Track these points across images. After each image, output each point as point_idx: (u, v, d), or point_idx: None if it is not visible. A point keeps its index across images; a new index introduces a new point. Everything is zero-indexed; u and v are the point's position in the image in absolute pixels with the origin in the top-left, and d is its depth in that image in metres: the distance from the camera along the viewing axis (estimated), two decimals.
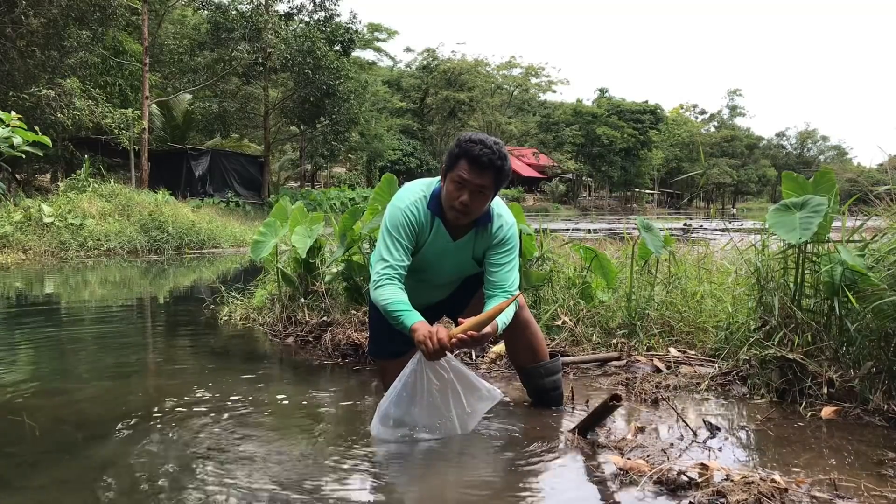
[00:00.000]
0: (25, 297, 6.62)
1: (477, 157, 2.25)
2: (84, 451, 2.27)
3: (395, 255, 2.35)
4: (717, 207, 58.60)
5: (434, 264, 2.52)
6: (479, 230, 2.44)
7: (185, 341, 4.48)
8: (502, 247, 2.43)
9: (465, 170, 2.27)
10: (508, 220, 2.48)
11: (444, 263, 2.52)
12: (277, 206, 4.42)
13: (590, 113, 50.98)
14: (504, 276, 2.41)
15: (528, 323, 2.58)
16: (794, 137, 76.80)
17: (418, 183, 2.51)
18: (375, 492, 1.93)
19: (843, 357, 2.69)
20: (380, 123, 35.36)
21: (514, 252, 2.48)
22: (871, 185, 3.13)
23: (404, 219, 2.37)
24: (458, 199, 2.30)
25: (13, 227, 10.57)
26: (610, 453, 2.15)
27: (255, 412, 2.68)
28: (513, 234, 2.48)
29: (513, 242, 2.47)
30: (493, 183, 2.30)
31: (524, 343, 2.59)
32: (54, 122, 14.78)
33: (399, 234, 2.36)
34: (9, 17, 14.39)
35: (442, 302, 2.74)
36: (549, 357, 2.66)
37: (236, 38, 21.96)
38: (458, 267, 2.56)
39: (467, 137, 2.31)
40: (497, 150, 2.28)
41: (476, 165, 2.26)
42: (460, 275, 2.63)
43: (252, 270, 7.86)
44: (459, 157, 2.29)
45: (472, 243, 2.47)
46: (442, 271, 2.56)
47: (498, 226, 2.44)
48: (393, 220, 2.38)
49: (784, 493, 1.77)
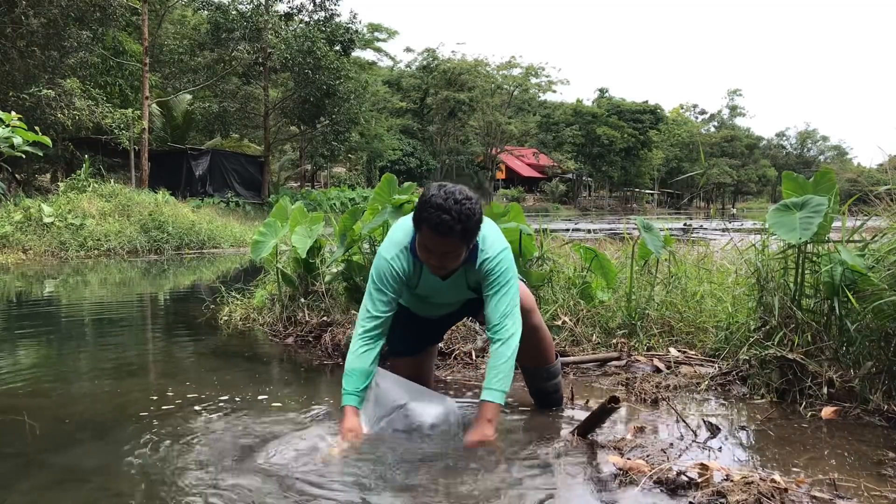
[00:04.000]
0: (25, 297, 6.62)
1: (436, 227, 2.14)
2: (84, 451, 2.26)
3: (380, 307, 2.36)
4: (717, 207, 58.60)
5: (433, 295, 2.54)
6: (466, 268, 2.39)
7: (185, 341, 4.48)
8: (489, 277, 2.34)
9: (428, 237, 2.19)
10: (494, 250, 2.34)
11: (443, 294, 2.53)
12: (277, 206, 4.42)
13: (590, 113, 50.97)
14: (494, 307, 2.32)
15: (538, 328, 2.55)
16: (794, 137, 76.85)
17: (403, 227, 2.43)
18: (375, 492, 1.93)
19: (843, 357, 2.69)
20: (380, 123, 35.36)
21: (504, 279, 2.34)
22: (871, 185, 3.13)
23: (389, 271, 2.36)
24: (428, 261, 2.28)
25: (13, 227, 10.58)
26: (610, 453, 2.14)
27: (255, 412, 2.68)
28: (499, 261, 2.33)
29: (499, 271, 2.33)
30: (459, 243, 2.19)
31: (533, 345, 2.55)
32: (54, 122, 14.78)
33: (383, 286, 2.37)
34: (9, 17, 14.39)
35: (457, 311, 2.75)
36: (555, 359, 2.66)
37: (236, 38, 21.96)
38: (458, 294, 2.56)
39: (426, 200, 2.17)
40: (457, 213, 2.12)
41: (436, 233, 2.15)
42: (463, 298, 2.61)
43: (252, 270, 7.86)
44: (420, 222, 2.20)
45: (463, 278, 2.44)
46: (443, 297, 2.57)
47: (482, 260, 2.34)
48: (378, 272, 2.38)
49: (784, 493, 1.77)
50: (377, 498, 1.89)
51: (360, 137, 31.20)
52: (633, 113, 52.92)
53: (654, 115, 54.43)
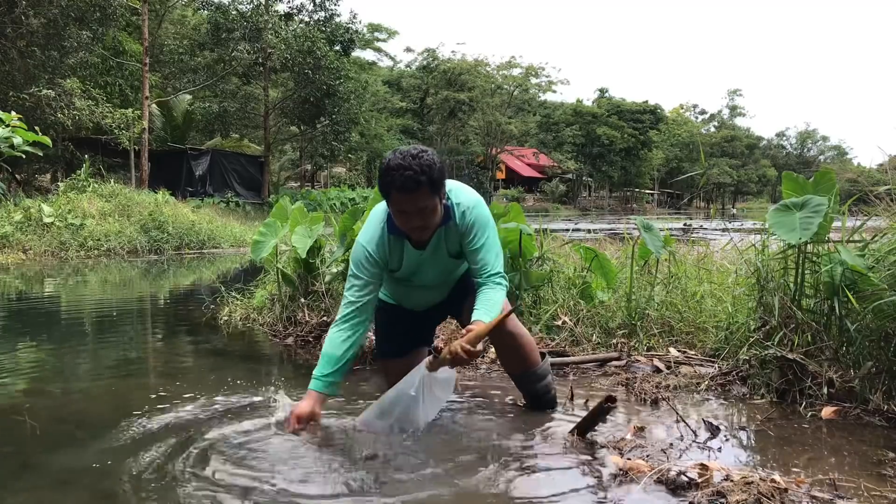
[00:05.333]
0: (26, 297, 6.62)
1: (403, 186, 2.16)
2: (84, 451, 2.26)
3: (355, 292, 2.42)
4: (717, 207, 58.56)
5: (417, 273, 2.54)
6: (444, 229, 2.40)
7: (185, 341, 4.48)
8: (471, 232, 2.37)
9: (399, 200, 2.21)
10: (468, 202, 2.38)
11: (426, 270, 2.53)
12: (277, 206, 4.41)
13: (590, 113, 50.98)
14: (483, 258, 2.37)
15: (515, 333, 2.52)
16: (794, 137, 76.91)
17: (378, 210, 2.47)
18: (374, 492, 1.93)
19: (843, 357, 2.69)
20: (380, 123, 35.37)
21: (486, 231, 2.39)
22: (871, 185, 3.13)
23: (364, 255, 2.40)
24: (407, 225, 2.29)
25: (13, 227, 10.57)
26: (609, 453, 2.14)
27: (254, 412, 2.68)
28: (477, 214, 2.37)
29: (480, 223, 2.38)
30: (429, 194, 2.21)
31: (513, 352, 2.55)
32: (54, 122, 14.79)
33: (360, 271, 2.41)
34: (9, 17, 14.40)
35: (442, 303, 2.75)
36: (541, 360, 2.63)
37: (236, 38, 21.96)
38: (442, 269, 2.56)
39: (386, 166, 2.21)
40: (418, 167, 2.15)
41: (405, 192, 2.18)
42: (447, 274, 2.62)
43: (252, 270, 7.85)
44: (388, 189, 2.21)
45: (442, 243, 2.44)
46: (426, 277, 2.57)
47: (460, 214, 2.37)
48: (355, 258, 2.43)
49: (784, 493, 1.77)
50: (374, 496, 1.89)
51: (360, 137, 31.22)
52: (633, 113, 52.91)
53: (654, 115, 54.42)
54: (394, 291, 2.71)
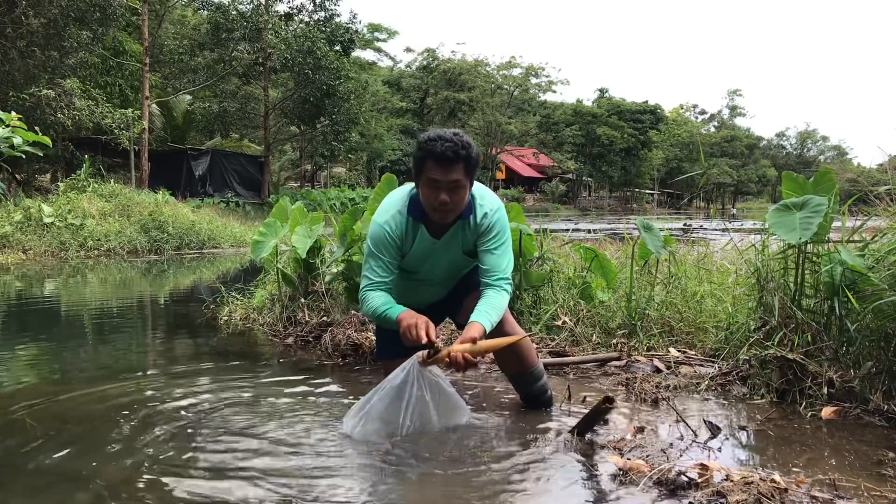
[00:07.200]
0: (26, 297, 6.62)
1: (441, 154, 2.21)
2: (84, 451, 2.26)
3: (379, 272, 2.42)
4: (717, 207, 58.61)
5: (425, 264, 2.53)
6: (463, 223, 2.42)
7: (185, 341, 4.48)
8: (490, 234, 2.41)
9: (434, 170, 2.24)
10: (492, 205, 2.43)
11: (435, 262, 2.52)
12: (277, 206, 4.41)
13: (590, 113, 50.98)
14: (496, 261, 2.40)
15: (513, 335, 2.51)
16: (794, 137, 76.89)
17: (398, 192, 2.50)
18: (372, 492, 1.93)
19: (843, 357, 2.69)
20: (380, 123, 35.39)
21: (503, 237, 2.44)
22: (871, 185, 3.13)
23: (384, 235, 2.40)
24: (436, 199, 2.28)
25: (13, 227, 10.58)
26: (609, 453, 2.14)
27: (254, 412, 2.68)
28: (499, 218, 2.43)
29: (499, 227, 2.43)
30: (465, 174, 2.26)
31: (511, 354, 2.55)
32: (54, 122, 14.79)
33: (380, 251, 2.41)
34: (9, 17, 14.40)
35: (441, 301, 2.74)
36: (537, 360, 2.64)
37: (236, 38, 21.99)
38: (451, 264, 2.56)
39: (426, 137, 2.28)
40: (459, 141, 2.24)
41: (443, 162, 2.22)
42: (455, 271, 2.63)
43: (252, 270, 7.85)
44: (424, 158, 2.26)
45: (458, 238, 2.45)
46: (434, 270, 2.57)
47: (482, 214, 2.40)
48: (374, 238, 2.43)
49: (784, 493, 1.77)
50: (373, 497, 1.89)
51: (360, 137, 31.23)
52: (633, 113, 52.93)
53: (654, 115, 54.44)
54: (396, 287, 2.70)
